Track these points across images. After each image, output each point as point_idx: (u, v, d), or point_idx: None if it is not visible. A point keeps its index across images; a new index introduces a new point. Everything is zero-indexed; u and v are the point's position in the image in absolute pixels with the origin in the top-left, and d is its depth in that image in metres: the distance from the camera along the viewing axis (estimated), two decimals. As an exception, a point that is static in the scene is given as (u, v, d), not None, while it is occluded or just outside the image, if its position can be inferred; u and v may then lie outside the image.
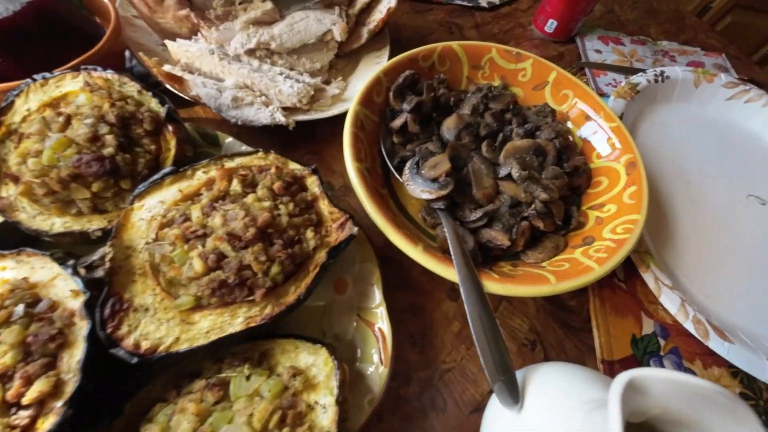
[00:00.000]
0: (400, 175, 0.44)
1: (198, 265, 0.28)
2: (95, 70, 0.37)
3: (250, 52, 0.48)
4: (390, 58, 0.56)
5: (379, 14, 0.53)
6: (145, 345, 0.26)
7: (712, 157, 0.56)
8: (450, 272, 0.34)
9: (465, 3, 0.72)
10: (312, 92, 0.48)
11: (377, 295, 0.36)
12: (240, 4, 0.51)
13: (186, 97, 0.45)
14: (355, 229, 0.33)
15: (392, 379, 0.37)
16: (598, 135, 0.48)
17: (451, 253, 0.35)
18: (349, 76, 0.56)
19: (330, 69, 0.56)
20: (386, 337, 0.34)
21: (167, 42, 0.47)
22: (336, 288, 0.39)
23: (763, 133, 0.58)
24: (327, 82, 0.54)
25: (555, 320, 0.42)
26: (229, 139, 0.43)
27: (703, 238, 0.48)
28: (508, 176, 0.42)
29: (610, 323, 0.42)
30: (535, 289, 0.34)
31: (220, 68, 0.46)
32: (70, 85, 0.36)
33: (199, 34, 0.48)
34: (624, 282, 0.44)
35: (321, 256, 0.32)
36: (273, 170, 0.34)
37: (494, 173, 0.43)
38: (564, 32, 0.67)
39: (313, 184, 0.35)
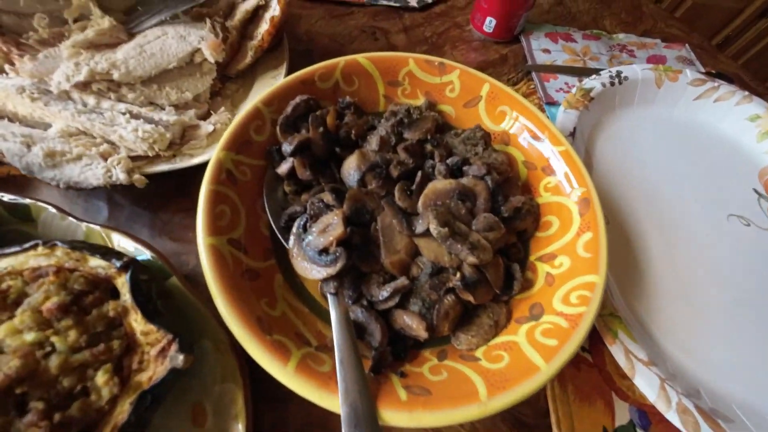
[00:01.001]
0: (288, 239, 0.33)
1: None
2: None
3: (83, 87, 0.36)
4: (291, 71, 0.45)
5: (264, 26, 0.42)
6: None
7: (685, 170, 0.47)
8: (333, 400, 0.23)
9: (391, 3, 0.61)
10: (169, 135, 0.36)
11: (240, 435, 0.25)
12: (76, 22, 0.39)
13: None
14: (180, 358, 0.22)
15: None
16: (544, 161, 0.38)
17: (336, 366, 0.25)
18: (240, 104, 0.45)
19: (215, 96, 0.44)
20: None
21: (-39, 81, 0.35)
22: (193, 418, 0.27)
23: (738, 137, 0.50)
24: (209, 115, 0.42)
25: (502, 416, 0.32)
26: (49, 212, 0.31)
27: (681, 276, 0.39)
28: (427, 232, 0.32)
29: (574, 414, 0.32)
30: (458, 414, 0.24)
31: (39, 111, 0.34)
32: None
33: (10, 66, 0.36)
34: (589, 352, 0.35)
35: (123, 410, 0.21)
36: (51, 277, 0.23)
37: (409, 228, 0.32)
38: (505, 31, 0.57)
39: (124, 288, 0.24)
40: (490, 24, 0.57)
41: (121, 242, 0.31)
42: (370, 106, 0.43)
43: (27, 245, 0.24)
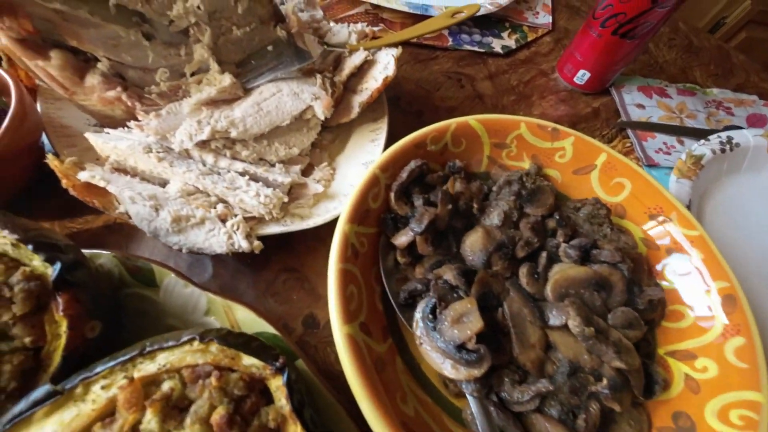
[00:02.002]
0: (410, 318, 0.32)
1: None
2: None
3: (202, 144, 0.36)
4: (389, 124, 0.45)
5: (373, 82, 0.42)
6: None
7: (802, 248, 0.44)
8: None
9: (475, 48, 0.60)
10: (286, 198, 0.35)
11: None
12: (193, 75, 0.39)
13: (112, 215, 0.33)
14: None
15: None
16: (671, 244, 0.36)
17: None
18: (337, 156, 0.44)
19: (312, 147, 0.44)
20: None
21: (88, 135, 0.35)
22: None
23: None
24: (309, 168, 0.42)
25: None
26: (170, 279, 0.31)
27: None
28: (563, 326, 0.30)
29: None
30: None
31: (162, 169, 0.34)
32: None
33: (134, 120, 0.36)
34: (725, 462, 0.32)
35: None
36: (213, 380, 0.22)
37: (541, 318, 0.30)
38: (599, 84, 0.55)
39: (279, 391, 0.23)
40: (582, 77, 0.55)
41: (244, 316, 0.30)
42: (473, 166, 0.42)
43: (183, 339, 0.23)
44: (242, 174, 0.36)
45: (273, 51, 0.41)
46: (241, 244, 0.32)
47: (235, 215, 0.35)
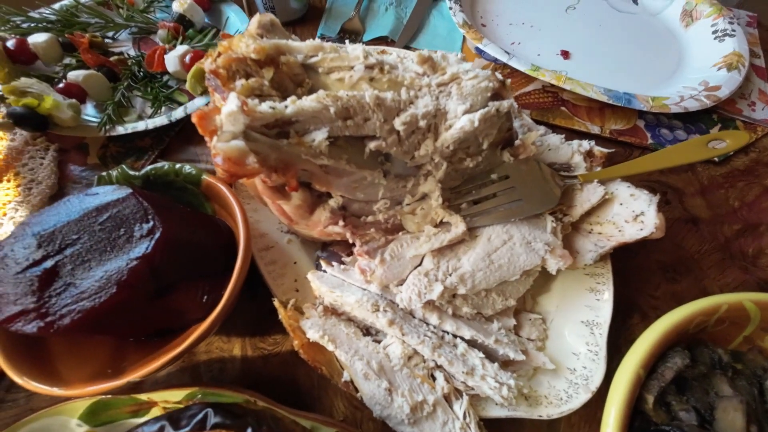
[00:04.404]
0: None
1: None
2: None
3: (428, 303, 0.31)
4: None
5: (614, 229, 0.35)
6: None
7: None
8: None
9: (682, 151, 0.51)
10: (526, 390, 0.30)
11: None
12: (408, 205, 0.35)
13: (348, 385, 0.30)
14: None
15: None
16: None
17: None
18: (540, 296, 0.38)
19: (514, 284, 0.38)
20: None
21: (310, 278, 0.32)
22: None
23: None
24: (515, 313, 0.36)
25: None
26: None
27: None
28: None
29: None
30: None
31: (391, 332, 0.31)
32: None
33: (350, 254, 0.33)
34: None
35: None
36: None
37: None
38: None
39: None
40: (841, 214, 0.43)
41: None
42: (719, 341, 0.34)
43: None
44: (470, 343, 0.31)
45: (498, 181, 0.35)
46: (480, 447, 0.27)
47: (458, 390, 0.30)
